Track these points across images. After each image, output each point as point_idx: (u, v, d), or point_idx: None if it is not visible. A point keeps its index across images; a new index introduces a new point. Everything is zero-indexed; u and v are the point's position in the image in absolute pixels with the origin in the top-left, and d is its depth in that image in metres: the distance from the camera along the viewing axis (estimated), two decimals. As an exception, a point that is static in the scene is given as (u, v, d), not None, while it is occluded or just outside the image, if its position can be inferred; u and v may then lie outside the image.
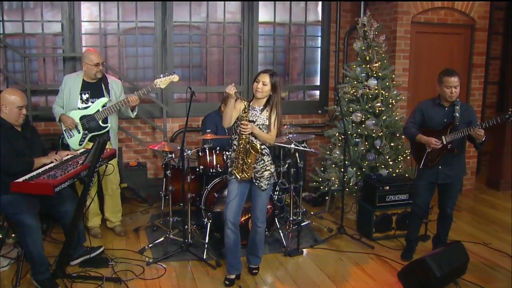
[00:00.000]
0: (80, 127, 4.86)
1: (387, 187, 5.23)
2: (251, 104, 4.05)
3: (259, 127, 3.98)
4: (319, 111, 7.12)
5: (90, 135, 4.88)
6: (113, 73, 5.82)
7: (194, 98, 4.54)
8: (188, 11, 6.49)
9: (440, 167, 4.48)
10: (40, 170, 3.88)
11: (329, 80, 7.08)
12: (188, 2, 6.48)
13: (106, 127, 4.94)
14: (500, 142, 7.04)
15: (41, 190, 3.58)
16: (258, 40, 6.75)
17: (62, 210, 4.29)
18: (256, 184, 4.08)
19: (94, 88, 4.93)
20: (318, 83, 7.18)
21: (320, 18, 7.01)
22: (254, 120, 3.99)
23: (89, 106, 4.89)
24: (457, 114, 4.37)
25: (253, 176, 4.04)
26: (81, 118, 4.86)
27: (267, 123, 4.01)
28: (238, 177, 4.01)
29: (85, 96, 4.89)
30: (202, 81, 6.79)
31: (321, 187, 6.03)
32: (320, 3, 6.96)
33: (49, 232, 5.15)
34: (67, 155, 4.32)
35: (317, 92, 7.22)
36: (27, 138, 4.18)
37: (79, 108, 4.88)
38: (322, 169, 6.16)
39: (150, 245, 4.89)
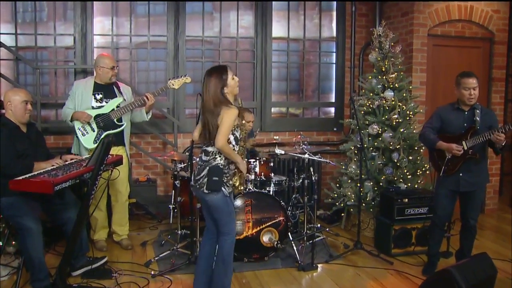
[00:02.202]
0: (94, 125, 4.75)
1: (406, 200, 4.98)
2: None
3: None
4: (335, 129, 6.94)
5: (105, 133, 4.77)
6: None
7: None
8: (200, 26, 6.44)
9: (461, 174, 4.24)
10: (41, 171, 3.74)
11: (345, 96, 6.92)
12: (200, 17, 6.43)
13: (122, 125, 4.86)
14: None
15: (40, 188, 3.40)
16: (272, 56, 6.66)
17: (65, 217, 4.13)
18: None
19: (107, 90, 4.89)
20: (333, 100, 7.01)
21: (334, 34, 6.90)
22: None
23: (103, 106, 4.82)
24: (478, 118, 4.17)
25: None
26: (96, 117, 4.77)
27: None
28: (238, 189, 3.79)
29: (99, 96, 4.83)
30: (214, 97, 6.66)
31: (337, 203, 5.79)
32: (334, 19, 6.87)
33: (53, 246, 4.96)
34: (72, 159, 4.18)
35: (332, 109, 7.05)
36: (32, 139, 4.06)
37: (93, 107, 4.80)
38: (337, 185, 5.94)
39: (156, 258, 4.67)
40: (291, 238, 4.83)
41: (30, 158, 3.92)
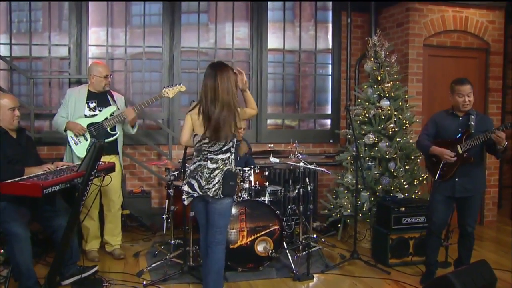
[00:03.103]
0: (87, 134, 4.70)
1: (403, 209, 4.90)
2: None
3: None
4: (331, 141, 6.89)
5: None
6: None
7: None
8: (196, 37, 6.43)
9: (456, 179, 4.18)
10: (31, 175, 3.67)
11: (341, 108, 6.88)
12: (196, 28, 6.43)
13: (115, 134, 4.81)
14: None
15: (29, 191, 3.32)
16: (267, 67, 6.64)
17: (55, 224, 4.04)
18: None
19: (100, 98, 4.84)
20: (329, 112, 6.98)
21: (330, 46, 6.90)
22: None
23: (96, 114, 4.78)
24: (472, 123, 4.13)
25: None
26: (89, 126, 4.71)
27: None
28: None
29: (92, 105, 4.79)
30: (209, 108, 6.62)
31: (333, 214, 5.70)
32: (330, 31, 6.88)
33: (44, 256, 4.85)
34: (63, 165, 4.12)
35: (329, 121, 7.01)
36: (22, 145, 4.01)
37: (86, 116, 4.75)
38: (334, 196, 5.86)
39: (148, 268, 4.58)
40: (286, 247, 4.73)
41: (20, 164, 3.86)
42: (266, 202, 4.89)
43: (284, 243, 4.74)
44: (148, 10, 6.28)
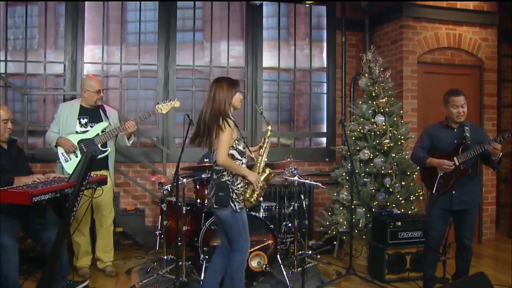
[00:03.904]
0: (78, 151, 4.65)
1: (399, 223, 4.84)
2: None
3: None
4: (326, 159, 6.86)
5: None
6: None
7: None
8: (191, 55, 6.46)
9: (453, 192, 4.14)
10: (21, 184, 3.62)
11: (336, 127, 6.86)
12: (191, 46, 6.47)
13: (106, 151, 4.76)
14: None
15: (17, 199, 3.28)
16: (263, 85, 6.65)
17: (45, 237, 3.98)
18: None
19: (92, 114, 4.81)
20: (324, 130, 6.96)
21: (325, 64, 6.93)
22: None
23: (87, 131, 4.74)
24: (468, 134, 4.11)
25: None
26: (79, 142, 4.67)
27: None
28: (250, 203, 3.73)
29: (83, 121, 4.75)
30: (204, 126, 6.60)
31: (329, 231, 5.62)
32: (325, 49, 6.92)
33: (34, 273, 4.75)
34: (54, 177, 4.07)
35: (324, 140, 6.98)
36: (12, 156, 3.97)
37: (77, 132, 4.72)
38: (329, 213, 5.79)
39: (140, 283, 4.48)
40: (280, 262, 4.64)
41: (10, 174, 3.81)
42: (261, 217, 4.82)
43: (279, 258, 4.66)
44: (143, 28, 6.32)
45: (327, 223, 5.69)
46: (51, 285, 3.92)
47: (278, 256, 4.64)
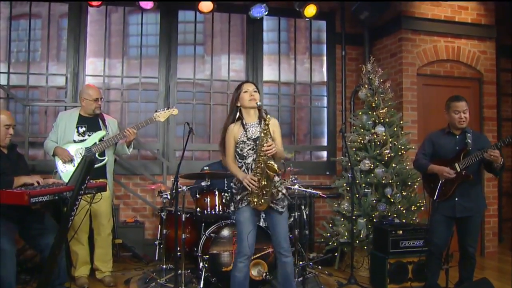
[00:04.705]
0: (75, 160, 4.63)
1: (401, 232, 4.79)
2: (244, 122, 3.72)
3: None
4: (327, 172, 6.84)
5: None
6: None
7: (197, 156, 4.35)
8: (192, 68, 6.51)
9: (456, 199, 4.13)
10: (21, 183, 3.62)
11: (336, 140, 6.87)
12: (192, 59, 6.52)
13: (103, 159, 4.74)
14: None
15: (16, 199, 3.26)
16: (263, 99, 6.66)
17: (43, 243, 3.95)
18: (274, 208, 3.63)
19: (91, 122, 4.81)
20: (325, 144, 6.96)
21: (325, 78, 6.97)
22: (258, 136, 3.63)
23: (85, 139, 4.73)
24: (469, 141, 4.11)
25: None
26: (77, 151, 4.66)
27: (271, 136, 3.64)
28: (256, 204, 3.57)
29: (82, 129, 4.75)
30: (205, 139, 6.62)
31: (330, 243, 5.58)
32: (325, 63, 6.97)
33: (32, 283, 4.70)
34: (54, 182, 4.06)
35: (325, 153, 6.98)
36: (12, 160, 3.98)
37: (74, 141, 4.71)
38: (330, 225, 5.75)
39: (139, 292, 4.44)
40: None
41: (10, 177, 3.80)
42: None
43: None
44: (145, 41, 6.40)
45: (328, 234, 5.65)
46: (48, 292, 3.90)
47: (278, 262, 4.58)
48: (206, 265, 4.42)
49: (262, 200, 3.55)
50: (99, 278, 4.89)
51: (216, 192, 4.83)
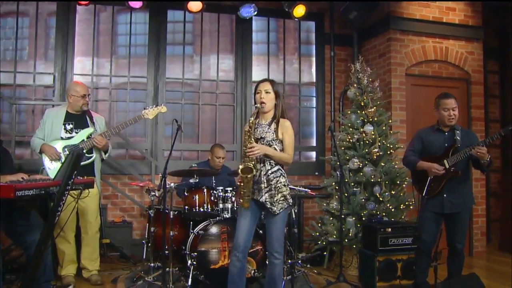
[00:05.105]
0: (63, 157, 4.58)
1: (389, 229, 4.79)
2: (257, 121, 3.72)
3: (269, 144, 3.64)
4: (316, 173, 6.84)
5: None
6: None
7: (185, 156, 4.32)
8: (181, 68, 6.50)
9: (445, 195, 4.14)
10: (6, 181, 3.55)
11: (325, 141, 6.87)
12: (181, 59, 6.51)
13: (91, 157, 4.69)
14: (508, 204, 6.68)
15: (1, 192, 3.21)
16: (252, 99, 6.65)
17: (29, 240, 3.86)
18: (269, 208, 3.61)
19: (78, 119, 4.75)
20: (314, 144, 6.96)
21: (314, 79, 6.98)
22: (263, 136, 3.65)
23: (73, 136, 4.68)
24: (458, 138, 4.14)
25: (265, 200, 3.61)
26: (64, 148, 4.61)
27: (279, 138, 3.67)
28: (241, 203, 3.60)
29: (69, 126, 4.70)
30: (194, 139, 6.60)
31: (319, 242, 5.56)
32: (314, 64, 6.98)
33: (17, 282, 4.63)
34: (40, 178, 4.00)
35: (314, 154, 6.98)
36: (-3, 156, 3.91)
37: (62, 138, 4.65)
38: (319, 224, 5.73)
39: (126, 290, 4.39)
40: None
41: (-6, 173, 3.75)
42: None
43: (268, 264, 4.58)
44: (133, 41, 6.37)
45: (317, 233, 5.63)
46: (33, 288, 3.83)
47: (267, 262, 4.55)
48: (194, 263, 4.38)
49: (241, 200, 3.58)
50: (86, 277, 4.82)
51: (205, 190, 4.80)
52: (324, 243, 5.52)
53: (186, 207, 4.80)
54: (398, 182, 5.48)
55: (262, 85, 3.69)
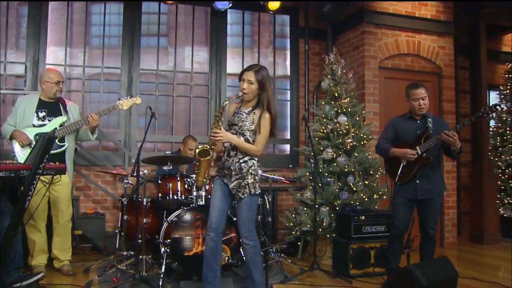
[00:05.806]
0: (33, 144, 4.48)
1: (363, 217, 4.85)
2: (240, 107, 3.70)
3: (242, 133, 3.60)
4: (290, 166, 6.87)
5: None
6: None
7: (159, 148, 4.28)
8: (155, 59, 6.46)
9: (417, 181, 4.20)
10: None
11: (299, 134, 6.91)
12: (155, 50, 6.48)
13: (63, 145, 4.60)
14: (478, 198, 6.82)
15: (-32, 173, 3.15)
16: (226, 91, 6.67)
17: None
18: (235, 195, 3.61)
19: (51, 107, 4.66)
20: (288, 137, 7.00)
21: (288, 72, 7.02)
22: (239, 124, 3.61)
23: (45, 124, 4.58)
24: (430, 125, 4.20)
25: (233, 187, 3.61)
26: (36, 136, 4.51)
27: (254, 129, 3.60)
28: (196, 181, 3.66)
29: (41, 114, 4.60)
30: (168, 131, 6.55)
31: (293, 232, 5.58)
32: (288, 57, 7.02)
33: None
34: (10, 162, 3.92)
35: (288, 147, 7.01)
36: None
37: (34, 126, 4.55)
38: (293, 215, 5.75)
39: (98, 278, 4.32)
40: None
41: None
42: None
43: (241, 251, 4.58)
44: (107, 31, 6.31)
45: (291, 223, 5.65)
46: (2, 276, 3.75)
47: (241, 250, 4.56)
48: (168, 250, 4.35)
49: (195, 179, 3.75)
50: (57, 267, 4.73)
51: (178, 178, 4.78)
52: (298, 233, 5.54)
53: (160, 194, 4.77)
54: (371, 172, 5.54)
55: (246, 74, 3.58)
